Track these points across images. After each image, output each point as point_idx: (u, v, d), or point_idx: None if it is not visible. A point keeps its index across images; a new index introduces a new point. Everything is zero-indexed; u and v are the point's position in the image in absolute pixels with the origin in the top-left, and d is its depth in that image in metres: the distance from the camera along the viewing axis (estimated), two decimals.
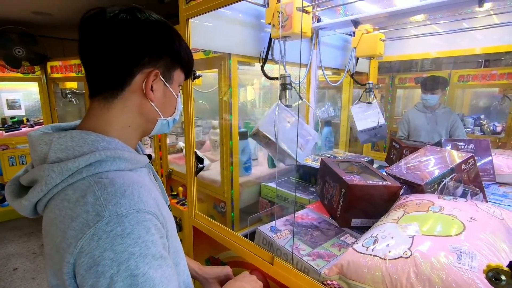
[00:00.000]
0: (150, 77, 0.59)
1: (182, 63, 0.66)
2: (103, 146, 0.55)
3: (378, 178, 1.12)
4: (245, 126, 2.01)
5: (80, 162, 0.51)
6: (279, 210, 1.39)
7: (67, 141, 0.54)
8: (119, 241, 0.46)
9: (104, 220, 0.46)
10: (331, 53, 1.95)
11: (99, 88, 0.59)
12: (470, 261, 0.61)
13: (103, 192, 0.49)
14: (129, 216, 0.48)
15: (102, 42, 0.56)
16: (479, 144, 1.47)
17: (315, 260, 0.88)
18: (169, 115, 0.68)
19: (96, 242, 0.45)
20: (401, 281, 0.64)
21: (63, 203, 0.50)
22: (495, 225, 0.75)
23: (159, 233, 0.52)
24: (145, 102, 0.61)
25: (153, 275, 0.47)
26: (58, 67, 3.67)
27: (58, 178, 0.50)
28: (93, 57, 0.58)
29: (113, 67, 0.57)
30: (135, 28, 0.57)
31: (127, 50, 0.57)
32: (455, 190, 1.04)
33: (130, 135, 0.63)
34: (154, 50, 0.59)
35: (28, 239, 3.26)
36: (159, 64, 0.61)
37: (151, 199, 0.54)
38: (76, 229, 0.47)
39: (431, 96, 2.07)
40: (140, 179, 0.58)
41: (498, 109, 2.67)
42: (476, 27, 1.54)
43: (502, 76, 2.50)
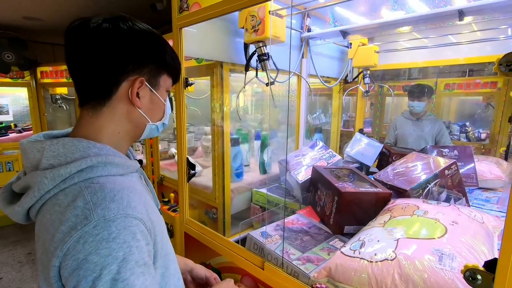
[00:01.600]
0: (135, 85, 0.60)
1: (168, 68, 0.67)
2: (94, 153, 0.56)
3: (369, 185, 1.16)
4: (237, 133, 2.03)
5: (72, 168, 0.52)
6: (270, 215, 1.40)
7: (59, 148, 0.55)
8: (104, 245, 0.46)
9: (92, 223, 0.47)
10: (325, 62, 2.01)
11: (87, 97, 0.61)
12: (450, 262, 0.64)
13: (93, 196, 0.50)
14: (116, 220, 0.49)
15: (86, 52, 0.57)
16: (463, 150, 1.53)
17: (305, 264, 0.90)
18: (158, 119, 0.69)
19: (81, 245, 0.46)
20: (386, 283, 0.66)
21: (54, 207, 0.51)
22: (476, 229, 0.78)
23: (145, 239, 0.52)
24: (133, 109, 0.62)
25: (133, 282, 0.47)
26: (48, 73, 3.64)
27: (51, 184, 0.51)
28: (79, 68, 0.59)
29: (98, 77, 0.58)
30: (117, 38, 0.58)
31: (111, 60, 0.58)
32: (439, 195, 1.08)
33: (120, 141, 0.64)
34: (138, 58, 0.60)
35: (14, 247, 3.17)
36: (144, 71, 0.62)
37: (140, 204, 0.55)
38: (64, 232, 0.47)
39: (418, 103, 2.14)
40: (130, 184, 0.59)
41: (482, 116, 2.76)
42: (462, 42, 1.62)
43: (485, 85, 2.59)
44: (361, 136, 1.94)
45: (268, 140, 1.90)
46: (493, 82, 2.53)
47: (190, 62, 1.62)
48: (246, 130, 2.16)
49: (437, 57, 2.03)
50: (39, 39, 3.98)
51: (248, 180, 1.72)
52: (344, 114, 3.02)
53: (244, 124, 2.29)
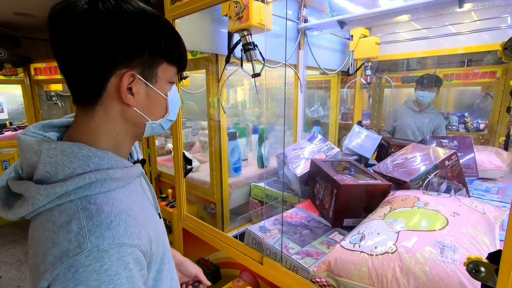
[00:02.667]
0: (124, 80, 0.52)
1: (166, 56, 0.56)
2: (94, 163, 0.52)
3: (368, 177, 1.14)
4: (234, 127, 2.01)
5: (69, 186, 0.49)
6: (269, 209, 1.39)
7: (57, 154, 0.50)
8: (95, 277, 0.45)
9: (84, 253, 0.45)
10: (325, 55, 1.98)
11: (78, 96, 0.54)
12: (452, 254, 0.62)
13: (88, 221, 0.47)
14: (110, 251, 0.47)
15: (69, 42, 0.50)
16: (463, 141, 1.52)
17: (304, 258, 0.88)
18: (159, 117, 0.60)
19: (72, 274, 0.45)
20: (386, 276, 0.65)
21: (48, 223, 0.48)
22: (477, 219, 0.77)
23: (138, 266, 0.51)
24: (127, 107, 0.55)
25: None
26: (42, 69, 3.58)
27: (45, 200, 0.49)
28: (64, 60, 0.52)
29: (83, 72, 0.51)
30: (102, 24, 0.49)
31: (94, 51, 0.50)
32: (439, 186, 1.07)
33: (120, 143, 0.58)
34: (125, 48, 0.51)
35: (13, 246, 3.16)
36: (135, 63, 0.52)
37: (137, 227, 0.52)
38: (56, 256, 0.45)
39: (428, 93, 2.08)
40: (131, 198, 0.56)
41: (481, 107, 2.74)
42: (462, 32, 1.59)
43: (484, 74, 2.57)
44: (360, 128, 1.92)
45: (266, 134, 1.88)
46: (492, 71, 2.51)
47: None
48: (243, 124, 2.14)
49: (435, 47, 2.01)
50: (31, 35, 3.91)
51: (246, 175, 1.71)
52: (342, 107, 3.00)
53: (241, 118, 2.26)
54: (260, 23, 1.15)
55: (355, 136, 1.86)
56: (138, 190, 0.61)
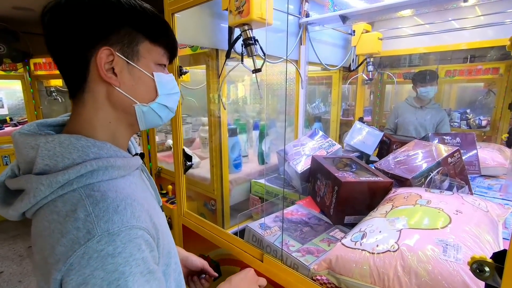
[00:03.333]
0: (101, 57, 0.51)
1: (147, 33, 0.54)
2: (94, 153, 0.51)
3: (370, 174, 1.13)
4: (235, 123, 1.99)
5: (71, 174, 0.48)
6: (269, 206, 1.38)
7: (55, 146, 0.50)
8: (110, 261, 0.45)
9: (96, 238, 0.45)
10: (327, 50, 1.96)
11: (70, 87, 0.55)
12: (455, 253, 0.62)
13: (94, 207, 0.47)
14: (121, 234, 0.47)
15: (53, 34, 0.51)
16: (465, 138, 1.50)
17: (305, 256, 0.88)
18: (149, 99, 0.58)
19: (86, 260, 0.44)
20: (388, 275, 0.64)
21: (52, 215, 0.48)
22: (480, 218, 0.76)
23: (149, 247, 0.51)
24: (112, 89, 0.54)
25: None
26: (41, 64, 3.57)
27: (47, 190, 0.48)
28: (53, 54, 0.53)
29: (66, 58, 0.52)
30: (74, 8, 0.50)
31: (73, 34, 0.50)
32: (442, 183, 1.06)
33: (116, 132, 0.57)
34: (98, 24, 0.50)
35: (14, 241, 3.18)
36: (112, 39, 0.51)
37: (143, 212, 0.52)
38: (66, 245, 0.45)
39: (430, 88, 2.07)
40: (132, 188, 0.55)
41: (483, 103, 2.72)
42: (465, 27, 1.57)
43: (487, 71, 2.55)
44: (361, 124, 1.91)
45: (267, 130, 1.87)
46: (495, 68, 2.48)
47: (185, 50, 1.57)
48: (244, 120, 2.13)
49: (438, 43, 1.98)
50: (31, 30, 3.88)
51: (247, 171, 1.70)
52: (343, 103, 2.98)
53: (242, 114, 2.25)
54: (261, 18, 1.12)
55: (356, 133, 1.85)
56: (139, 182, 0.61)
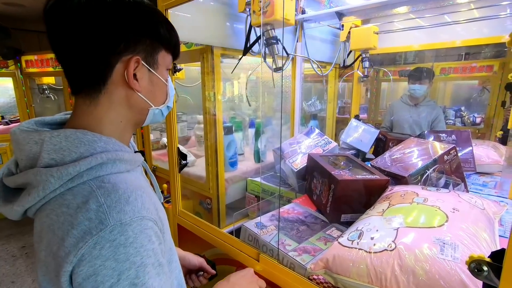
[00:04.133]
0: (131, 65, 0.53)
1: (164, 42, 0.59)
2: (101, 147, 0.52)
3: (366, 172, 1.12)
4: (231, 121, 1.98)
5: (82, 166, 0.48)
6: (265, 205, 1.37)
7: (61, 141, 0.50)
8: (122, 251, 0.45)
9: (108, 228, 0.45)
10: (318, 46, 1.94)
11: (80, 85, 0.54)
12: (453, 252, 0.61)
13: (106, 198, 0.47)
14: (132, 224, 0.47)
15: (70, 34, 0.50)
16: (460, 135, 1.51)
17: (301, 255, 0.87)
18: (161, 103, 0.62)
19: (98, 251, 0.44)
20: (385, 274, 0.64)
21: (61, 208, 0.47)
22: (477, 215, 0.76)
23: (158, 240, 0.51)
24: (132, 93, 0.56)
25: (152, 284, 0.47)
26: (33, 62, 3.50)
27: (57, 183, 0.47)
28: (65, 52, 0.52)
29: (88, 61, 0.52)
30: (103, 12, 0.50)
31: (99, 39, 0.51)
32: (438, 181, 1.06)
33: (123, 131, 0.59)
34: (129, 34, 0.53)
35: (7, 241, 3.13)
36: (138, 49, 0.54)
37: (151, 204, 0.53)
38: (77, 236, 0.45)
39: (419, 86, 2.06)
40: (138, 181, 0.55)
41: (477, 101, 2.74)
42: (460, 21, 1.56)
43: (481, 68, 2.56)
44: (357, 122, 1.90)
45: (263, 128, 1.85)
46: (489, 65, 2.50)
47: None
48: (240, 118, 2.11)
49: (433, 40, 1.98)
50: (22, 26, 3.81)
51: (243, 169, 1.69)
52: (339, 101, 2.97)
53: (238, 112, 2.23)
54: (285, 18, 1.16)
55: (352, 130, 1.84)
56: (142, 178, 0.61)
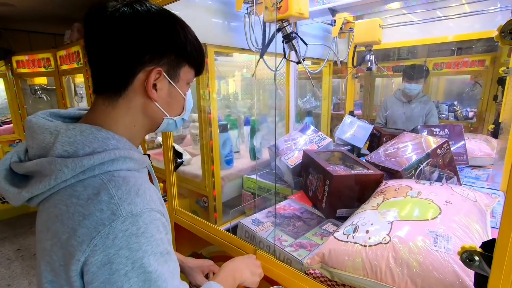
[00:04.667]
0: (152, 76, 0.56)
1: (189, 59, 0.62)
2: (113, 145, 0.54)
3: (361, 167, 1.14)
4: (226, 119, 1.97)
5: (96, 159, 0.50)
6: (262, 202, 1.38)
7: (76, 134, 0.52)
8: (134, 240, 0.47)
9: (120, 219, 0.47)
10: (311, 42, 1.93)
11: (103, 86, 0.58)
12: (445, 243, 0.62)
13: (117, 190, 0.49)
14: (143, 215, 0.49)
15: (102, 40, 0.55)
16: (453, 129, 1.53)
17: (298, 251, 0.88)
18: (176, 114, 0.65)
19: (111, 240, 0.46)
20: (380, 267, 0.65)
21: (71, 199, 0.49)
22: (469, 208, 0.77)
23: (165, 230, 0.54)
24: (149, 102, 0.59)
25: (162, 270, 0.50)
26: (24, 62, 3.44)
27: (70, 173, 0.49)
28: (95, 55, 0.57)
29: (114, 67, 0.56)
30: (133, 25, 0.54)
31: (126, 49, 0.55)
32: (431, 174, 1.07)
33: (135, 134, 0.62)
34: (155, 47, 0.56)
35: (2, 244, 3.10)
36: (162, 61, 0.58)
37: (157, 198, 0.56)
38: (90, 227, 0.46)
39: (415, 85, 2.08)
40: (144, 179, 0.58)
41: (470, 95, 2.77)
42: (450, 16, 1.57)
43: (473, 63, 2.59)
44: (351, 118, 1.92)
45: (258, 126, 1.85)
46: (481, 60, 2.52)
47: None
48: (235, 115, 2.11)
49: (426, 35, 1.99)
50: (12, 26, 3.75)
51: (239, 167, 1.69)
52: (334, 97, 2.98)
53: (233, 109, 2.23)
54: (299, 13, 1.12)
55: (346, 126, 1.86)
56: (147, 180, 0.63)
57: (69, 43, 2.96)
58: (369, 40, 1.70)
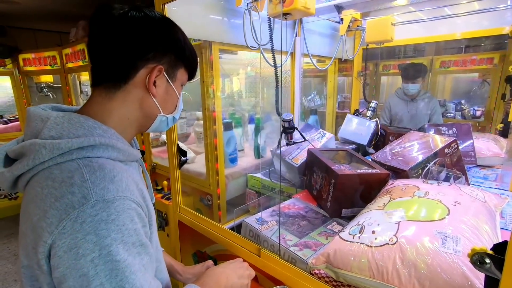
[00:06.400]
0: (154, 72, 0.60)
1: (186, 61, 0.66)
2: (98, 134, 0.55)
3: (366, 166, 1.12)
4: (230, 117, 1.97)
5: (73, 143, 0.51)
6: (266, 200, 1.37)
7: (64, 122, 0.54)
8: (103, 226, 0.46)
9: (90, 203, 0.47)
10: (317, 40, 1.92)
11: (102, 78, 0.60)
12: (454, 245, 0.61)
13: (91, 175, 0.49)
14: (115, 202, 0.48)
15: (110, 36, 0.58)
16: (461, 128, 1.50)
17: (302, 250, 0.87)
18: (169, 112, 0.68)
19: (79, 224, 0.45)
20: (387, 268, 0.64)
21: (47, 181, 0.49)
22: (478, 208, 0.76)
23: (142, 222, 0.53)
24: (147, 96, 0.62)
25: (132, 261, 0.49)
26: (31, 60, 3.46)
27: (48, 155, 0.50)
28: (100, 49, 0.59)
29: (118, 59, 0.58)
30: (143, 24, 0.59)
31: (133, 44, 0.58)
32: (439, 174, 1.05)
33: (127, 127, 0.63)
34: (160, 46, 0.60)
35: (8, 240, 3.14)
36: (164, 60, 0.61)
37: (137, 190, 0.55)
38: (60, 209, 0.46)
39: (413, 85, 2.08)
40: (129, 170, 0.59)
41: (478, 93, 2.73)
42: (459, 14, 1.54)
43: (481, 61, 2.54)
44: (352, 116, 1.90)
45: (262, 124, 1.84)
46: (489, 58, 2.48)
47: None
48: (239, 114, 2.10)
49: (433, 33, 1.96)
50: (18, 24, 3.78)
51: (243, 165, 1.68)
52: (339, 95, 2.96)
53: (237, 107, 2.22)
54: (305, 7, 1.09)
55: (349, 125, 1.84)
56: (136, 174, 0.64)
57: (75, 41, 2.97)
58: (381, 38, 1.71)
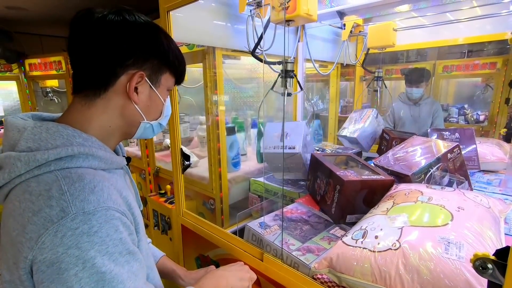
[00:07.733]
0: (134, 79, 0.58)
1: (171, 66, 0.64)
2: (78, 142, 0.53)
3: (370, 172, 1.12)
4: (233, 121, 1.98)
5: (50, 154, 0.49)
6: (268, 205, 1.37)
7: (42, 132, 0.52)
8: (86, 239, 0.45)
9: (70, 216, 0.45)
10: (320, 46, 1.93)
11: (82, 86, 0.59)
12: (457, 251, 0.61)
13: (70, 186, 0.48)
14: (96, 213, 0.47)
15: (88, 41, 0.56)
16: (464, 133, 1.50)
17: (305, 255, 0.87)
18: (154, 119, 0.66)
19: (59, 239, 0.44)
20: (390, 273, 0.64)
21: (25, 195, 0.48)
22: (482, 214, 0.76)
23: (127, 230, 0.52)
24: (129, 103, 0.60)
25: (120, 271, 0.47)
26: (37, 65, 3.52)
27: (23, 168, 0.48)
28: (79, 55, 0.58)
29: (97, 66, 0.57)
30: (121, 29, 0.57)
31: (112, 50, 0.56)
32: (442, 179, 1.05)
33: (109, 135, 0.61)
34: (139, 51, 0.59)
35: None
36: (145, 66, 0.60)
37: (120, 198, 0.54)
38: (38, 224, 0.45)
39: (416, 90, 2.10)
40: (112, 179, 0.57)
41: (481, 98, 2.72)
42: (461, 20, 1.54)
43: (484, 65, 2.54)
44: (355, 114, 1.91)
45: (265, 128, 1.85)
46: (492, 62, 2.48)
47: (181, 48, 1.55)
48: (242, 118, 2.11)
49: (435, 38, 1.97)
50: (25, 30, 3.84)
51: (246, 170, 1.69)
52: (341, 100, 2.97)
53: (240, 112, 2.23)
54: (307, 14, 1.11)
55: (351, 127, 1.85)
56: (121, 181, 0.62)
57: None
58: (383, 43, 1.71)
